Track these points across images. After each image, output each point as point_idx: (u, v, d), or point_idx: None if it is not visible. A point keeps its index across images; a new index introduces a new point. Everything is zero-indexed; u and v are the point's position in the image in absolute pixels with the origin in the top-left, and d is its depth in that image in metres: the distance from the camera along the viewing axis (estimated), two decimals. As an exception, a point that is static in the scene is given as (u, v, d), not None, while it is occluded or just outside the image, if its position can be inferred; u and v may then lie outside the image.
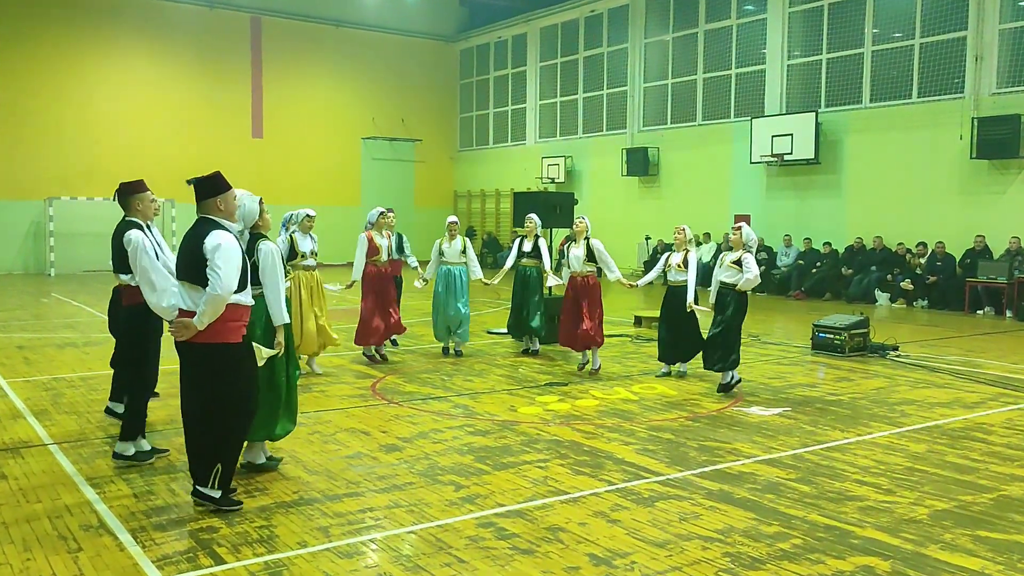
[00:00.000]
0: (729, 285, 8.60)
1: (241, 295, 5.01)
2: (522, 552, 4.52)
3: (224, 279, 4.79)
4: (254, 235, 5.69)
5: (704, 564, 4.38)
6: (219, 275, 4.79)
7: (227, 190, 5.10)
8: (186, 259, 4.95)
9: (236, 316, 5.01)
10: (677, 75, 23.70)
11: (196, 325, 4.83)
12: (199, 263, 4.85)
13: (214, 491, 5.04)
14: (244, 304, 5.08)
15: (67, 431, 6.95)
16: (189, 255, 4.92)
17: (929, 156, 17.74)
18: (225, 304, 4.86)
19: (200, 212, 5.08)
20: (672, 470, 6.02)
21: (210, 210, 5.05)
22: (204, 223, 5.01)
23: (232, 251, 4.89)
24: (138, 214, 6.21)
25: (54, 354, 10.80)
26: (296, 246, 9.16)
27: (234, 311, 4.98)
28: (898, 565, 4.37)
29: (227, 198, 5.10)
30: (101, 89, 25.69)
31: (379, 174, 30.57)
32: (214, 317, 4.84)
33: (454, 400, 8.32)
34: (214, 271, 4.79)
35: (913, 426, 7.38)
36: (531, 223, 10.86)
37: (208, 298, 4.79)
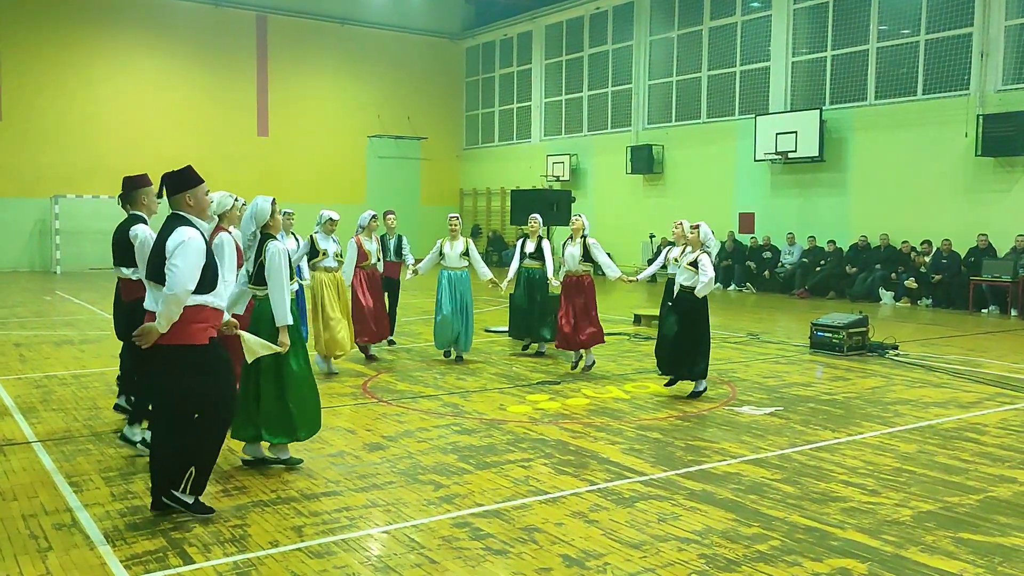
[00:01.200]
0: (688, 288, 8.19)
1: (206, 296, 4.80)
2: (495, 553, 4.47)
3: (179, 278, 4.60)
4: (264, 235, 5.70)
5: (678, 566, 4.32)
6: (174, 274, 4.61)
7: (197, 184, 4.91)
8: (153, 257, 4.81)
9: (201, 318, 4.79)
10: (681, 72, 23.58)
11: (157, 328, 4.64)
12: (158, 261, 4.71)
13: (187, 496, 4.91)
14: (210, 306, 4.85)
15: (52, 429, 6.94)
16: (155, 253, 4.78)
17: (934, 153, 17.59)
18: (182, 305, 4.65)
19: (172, 208, 4.90)
20: (656, 470, 5.96)
21: (180, 206, 4.86)
22: (172, 219, 4.84)
23: (193, 249, 4.68)
24: (143, 208, 6.21)
25: (50, 352, 10.82)
26: (316, 245, 9.36)
27: (198, 312, 4.77)
28: (875, 568, 4.30)
29: (196, 193, 4.90)
30: (107, 87, 25.78)
31: (384, 172, 30.57)
32: (172, 319, 4.64)
33: (444, 399, 8.28)
34: (170, 270, 4.62)
35: (906, 426, 7.29)
36: (535, 223, 10.57)
37: (163, 298, 4.62)
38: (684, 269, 8.26)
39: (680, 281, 8.33)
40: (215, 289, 4.89)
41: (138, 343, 4.75)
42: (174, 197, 4.89)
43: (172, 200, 4.90)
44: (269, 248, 5.58)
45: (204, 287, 4.77)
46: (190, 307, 4.72)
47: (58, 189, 24.57)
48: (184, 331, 4.73)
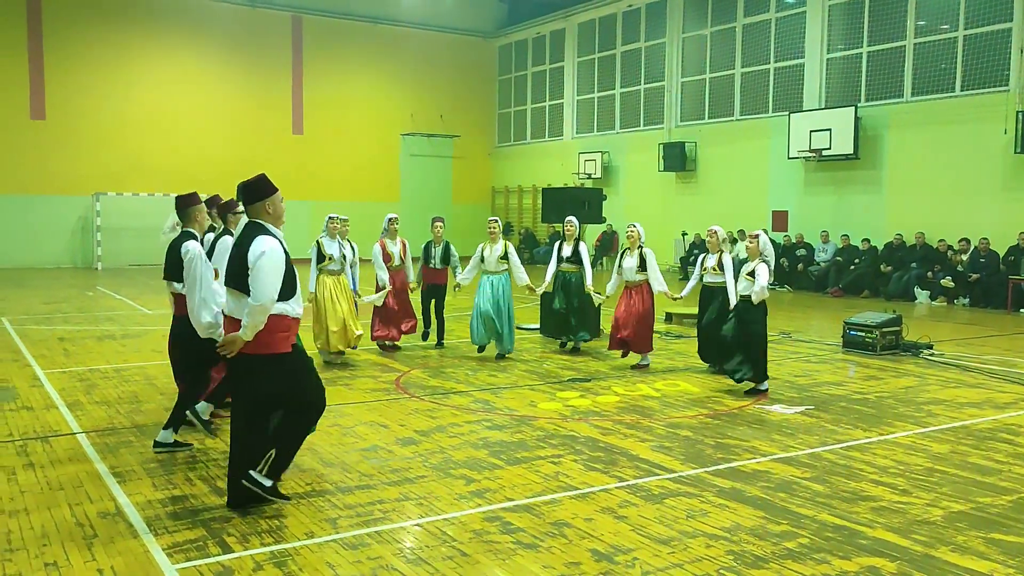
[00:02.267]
0: (746, 297, 8.41)
1: (287, 304, 4.89)
2: (525, 546, 4.55)
3: (264, 289, 4.69)
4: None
5: (706, 561, 4.36)
6: (259, 285, 4.69)
7: (273, 192, 4.97)
8: (233, 266, 4.87)
9: (283, 326, 4.88)
10: (715, 70, 23.47)
11: (241, 337, 4.75)
12: (241, 270, 4.77)
13: (264, 478, 4.98)
14: (290, 315, 4.95)
15: (96, 421, 7.14)
16: (236, 262, 4.84)
17: (972, 151, 17.34)
18: (267, 314, 4.74)
19: (249, 216, 4.98)
20: (685, 467, 6.00)
21: (258, 214, 4.94)
22: (252, 228, 4.90)
23: (275, 259, 4.76)
24: (196, 225, 6.34)
25: (93, 346, 11.09)
26: (322, 249, 9.65)
27: (280, 321, 4.85)
28: (905, 567, 4.31)
29: (274, 201, 4.97)
30: (146, 87, 26.25)
31: (417, 170, 30.78)
32: (258, 328, 4.74)
33: (475, 395, 8.37)
34: (255, 280, 4.70)
35: (939, 426, 7.24)
36: (571, 226, 10.56)
37: (249, 309, 4.71)
38: (743, 278, 8.45)
39: (739, 291, 8.54)
40: (294, 296, 4.96)
41: (223, 353, 4.86)
42: (252, 206, 4.95)
43: (250, 209, 4.96)
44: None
45: (284, 295, 4.85)
46: (273, 316, 4.80)
47: (99, 187, 25.08)
48: (269, 340, 4.84)
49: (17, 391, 8.30)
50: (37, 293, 17.79)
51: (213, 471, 5.78)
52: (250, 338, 4.77)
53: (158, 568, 4.22)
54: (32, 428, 6.91)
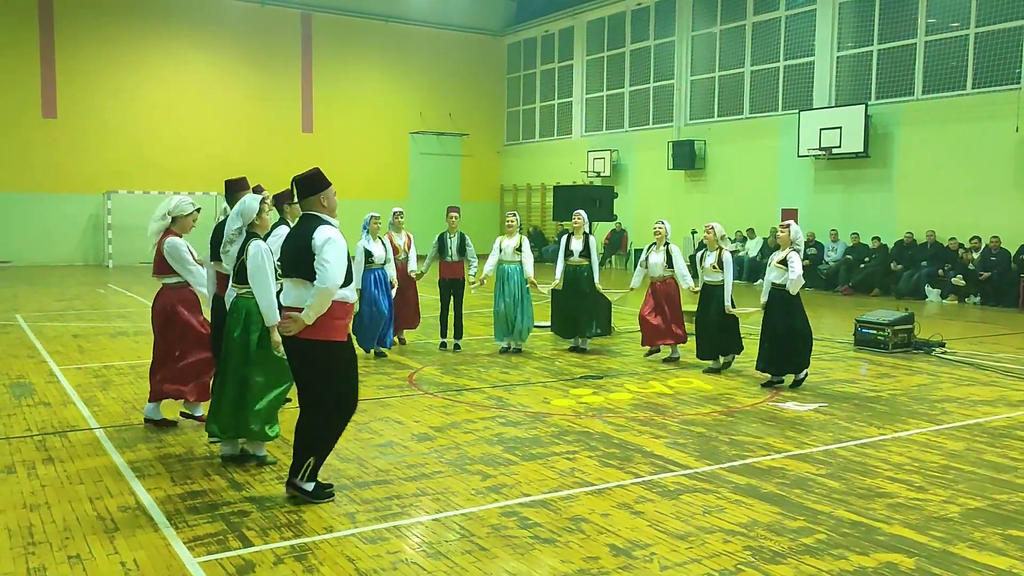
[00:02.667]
0: (779, 286, 8.48)
1: (346, 290, 5.04)
2: (543, 541, 4.57)
3: (332, 273, 4.84)
4: (249, 234, 5.68)
5: (724, 557, 4.38)
6: (327, 269, 4.83)
7: (328, 186, 5.14)
8: (292, 255, 5.01)
9: (341, 313, 5.06)
10: (724, 68, 23.43)
11: (304, 319, 4.86)
12: (307, 258, 4.89)
13: (307, 484, 5.11)
14: (349, 301, 5.11)
15: (113, 417, 7.19)
16: (295, 251, 4.98)
17: (983, 149, 17.28)
18: (331, 298, 4.90)
19: (304, 209, 5.12)
20: (700, 464, 6.01)
21: (313, 206, 5.08)
22: (310, 219, 5.04)
23: (340, 246, 4.95)
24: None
25: (107, 343, 11.16)
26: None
27: (339, 308, 5.02)
28: (923, 563, 4.32)
29: (328, 194, 5.14)
30: (156, 86, 26.33)
31: (427, 168, 30.81)
32: (321, 311, 4.88)
33: (488, 392, 8.40)
34: (322, 265, 4.84)
35: (953, 424, 7.24)
36: (579, 219, 10.55)
37: (316, 291, 4.83)
38: (775, 267, 8.49)
39: (771, 279, 8.57)
40: (351, 284, 5.11)
41: (283, 330, 5.01)
42: (307, 199, 5.10)
43: (305, 202, 5.11)
44: (251, 248, 5.53)
45: (344, 282, 5.00)
46: (334, 301, 4.95)
47: (110, 185, 25.18)
48: (328, 326, 4.98)
49: (34, 387, 8.36)
50: (50, 290, 17.89)
51: (230, 466, 5.82)
52: (311, 321, 4.89)
53: (180, 561, 4.26)
54: (50, 423, 6.97)
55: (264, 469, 5.77)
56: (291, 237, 5.15)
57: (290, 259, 5.04)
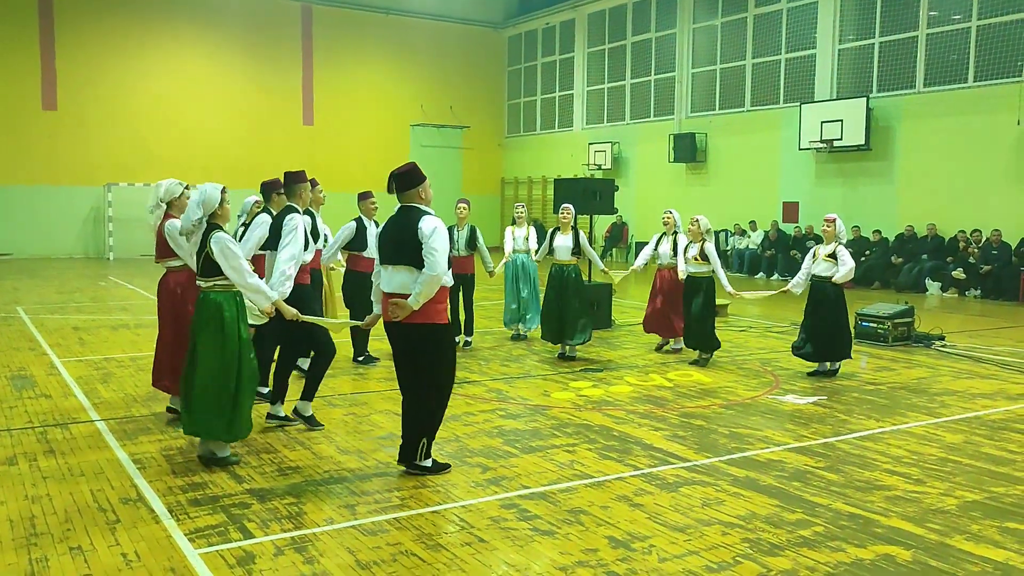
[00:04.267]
0: (825, 279, 8.71)
1: (447, 277, 5.31)
2: (542, 533, 4.59)
3: (440, 260, 5.14)
4: (210, 225, 5.60)
5: (722, 549, 4.40)
6: (436, 257, 5.13)
7: (425, 179, 5.42)
8: (395, 243, 5.30)
9: (442, 298, 5.36)
10: (725, 60, 23.40)
11: (412, 305, 5.15)
12: (412, 246, 5.19)
13: (425, 462, 5.50)
14: (447, 285, 5.39)
15: (114, 409, 7.21)
16: (399, 240, 5.27)
17: (984, 142, 17.26)
18: (439, 284, 5.21)
19: (403, 201, 5.39)
20: (700, 456, 6.03)
21: (412, 199, 5.39)
22: (411, 211, 5.33)
23: (445, 235, 5.25)
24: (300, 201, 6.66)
25: (107, 335, 11.18)
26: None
27: (441, 292, 5.33)
28: (920, 555, 4.34)
29: (426, 187, 5.42)
30: (157, 77, 26.31)
31: (427, 161, 30.70)
32: (429, 297, 5.19)
33: (488, 384, 8.42)
34: (431, 253, 5.13)
35: (952, 417, 7.26)
36: (567, 214, 9.81)
37: (425, 279, 5.13)
38: (823, 260, 8.73)
39: (816, 272, 8.81)
40: (449, 269, 5.35)
41: (391, 315, 5.28)
42: (406, 193, 5.40)
43: (404, 195, 5.40)
44: (213, 240, 5.48)
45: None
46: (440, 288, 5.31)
47: (111, 177, 25.18)
48: (432, 311, 5.32)
49: (35, 379, 8.38)
50: (50, 283, 17.91)
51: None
52: (418, 307, 5.20)
53: (181, 553, 4.28)
54: (51, 415, 6.99)
55: (265, 461, 5.79)
56: (393, 227, 5.36)
57: (393, 247, 5.31)
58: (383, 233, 5.46)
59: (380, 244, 5.46)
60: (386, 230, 5.44)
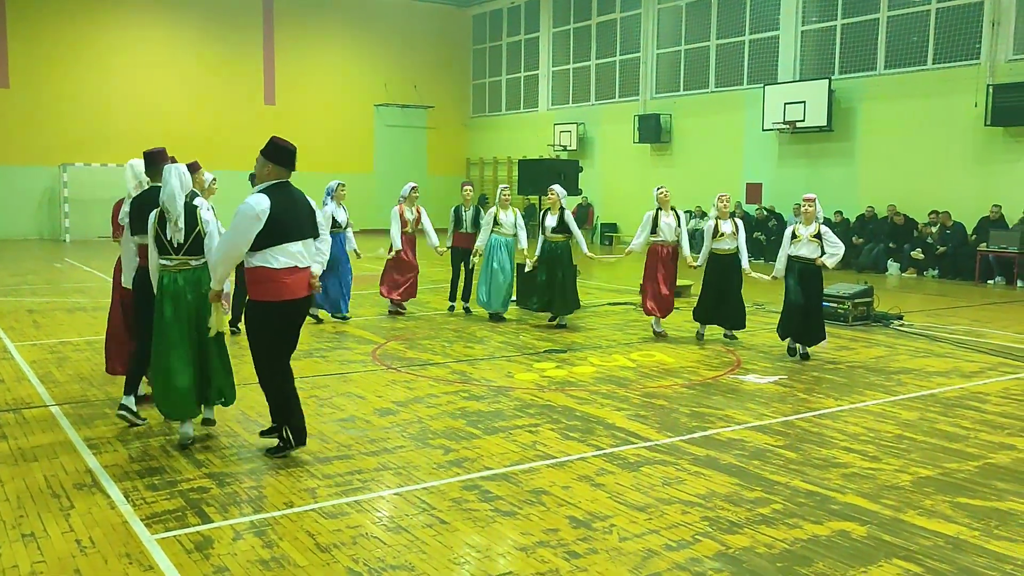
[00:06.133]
0: (810, 260, 8.66)
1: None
2: (504, 514, 4.60)
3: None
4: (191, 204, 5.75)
5: (682, 527, 4.44)
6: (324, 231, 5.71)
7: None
8: (306, 218, 5.46)
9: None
10: (690, 41, 23.43)
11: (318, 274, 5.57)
12: (313, 220, 5.54)
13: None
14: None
15: (69, 394, 7.08)
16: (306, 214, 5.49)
17: (943, 124, 17.51)
18: None
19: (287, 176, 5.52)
20: (661, 436, 6.07)
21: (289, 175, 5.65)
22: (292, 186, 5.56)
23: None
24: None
25: (63, 318, 10.96)
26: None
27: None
28: (874, 530, 4.42)
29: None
30: (114, 55, 25.73)
31: (391, 141, 30.53)
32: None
33: (452, 366, 8.39)
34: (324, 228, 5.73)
35: (908, 395, 7.38)
36: (553, 195, 10.53)
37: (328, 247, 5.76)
38: (808, 241, 8.67)
39: (800, 253, 8.74)
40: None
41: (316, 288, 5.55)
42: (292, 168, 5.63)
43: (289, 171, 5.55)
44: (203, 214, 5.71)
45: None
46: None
47: (66, 158, 24.63)
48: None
49: (-13, 363, 8.20)
50: (3, 265, 17.52)
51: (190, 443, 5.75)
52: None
53: (137, 539, 4.21)
54: (3, 400, 6.84)
55: (225, 446, 5.72)
56: (299, 203, 5.44)
57: (307, 222, 5.46)
58: (292, 210, 5.30)
59: (294, 221, 5.29)
60: (294, 206, 5.34)
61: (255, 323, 5.36)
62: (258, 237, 5.14)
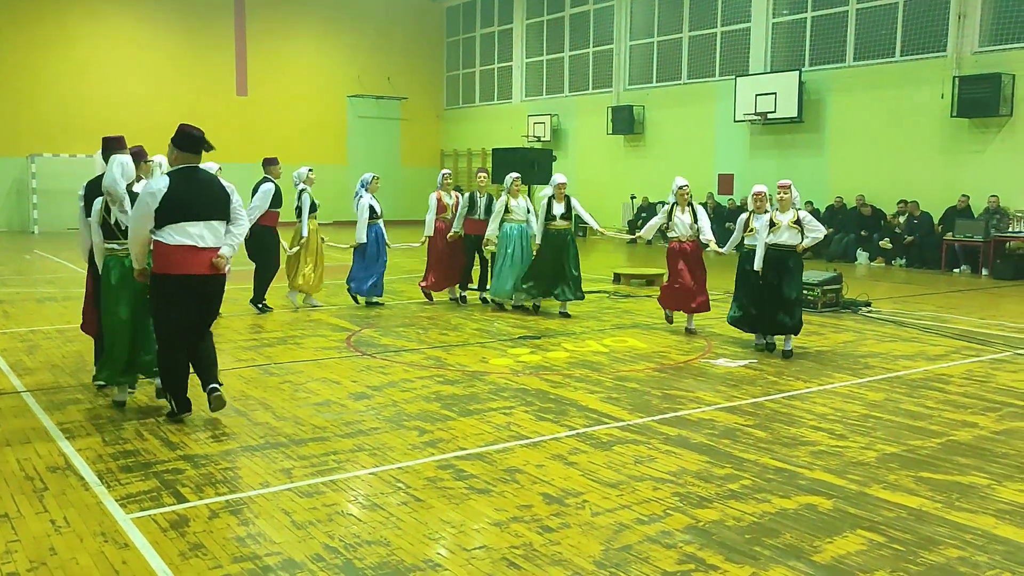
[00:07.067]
0: (789, 247, 8.25)
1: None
2: (478, 492, 4.66)
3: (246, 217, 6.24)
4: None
5: (653, 503, 4.52)
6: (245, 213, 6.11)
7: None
8: (213, 200, 5.82)
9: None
10: (663, 33, 23.55)
11: (229, 255, 5.86)
12: (226, 202, 5.89)
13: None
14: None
15: (41, 380, 7.04)
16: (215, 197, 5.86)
17: (911, 115, 17.76)
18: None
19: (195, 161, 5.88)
20: (633, 416, 6.16)
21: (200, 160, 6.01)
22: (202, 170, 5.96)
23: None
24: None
25: (33, 308, 10.86)
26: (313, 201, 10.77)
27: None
28: (840, 503, 4.53)
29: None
30: (83, 44, 25.38)
31: (365, 132, 30.40)
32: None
33: (427, 352, 8.43)
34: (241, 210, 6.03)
35: (874, 377, 7.53)
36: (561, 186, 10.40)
37: (242, 230, 5.99)
38: (788, 228, 8.28)
39: (780, 240, 8.27)
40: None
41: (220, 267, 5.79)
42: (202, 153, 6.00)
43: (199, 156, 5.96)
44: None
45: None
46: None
47: (34, 148, 24.27)
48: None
49: (-44, 352, 8.12)
50: (-28, 256, 17.27)
51: (164, 426, 5.76)
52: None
53: (112, 518, 4.22)
54: (-26, 387, 6.79)
55: (199, 428, 5.73)
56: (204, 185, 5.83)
57: (213, 204, 5.81)
58: (194, 192, 5.70)
59: (193, 202, 5.67)
60: (197, 189, 5.74)
61: (152, 292, 5.84)
62: (158, 216, 5.59)
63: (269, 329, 9.55)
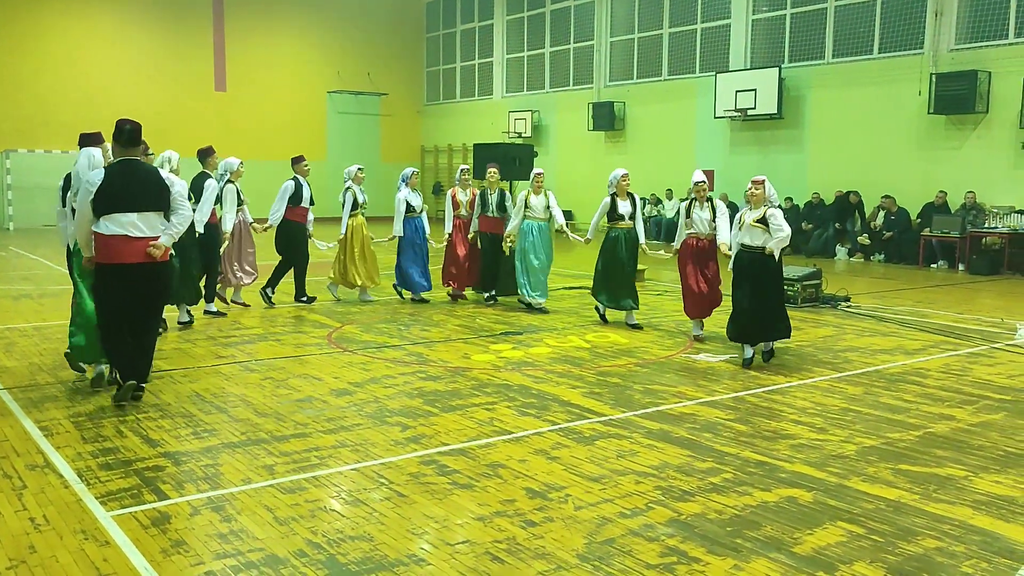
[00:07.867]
0: (757, 248, 7.51)
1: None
2: (461, 487, 4.66)
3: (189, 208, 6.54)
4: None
5: (635, 496, 4.54)
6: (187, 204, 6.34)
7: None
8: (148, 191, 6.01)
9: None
10: (643, 29, 23.60)
11: (167, 245, 6.09)
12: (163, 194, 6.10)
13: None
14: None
15: (18, 378, 6.96)
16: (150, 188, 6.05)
17: (889, 112, 17.92)
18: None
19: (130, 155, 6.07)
20: (615, 411, 6.18)
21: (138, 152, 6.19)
22: (140, 162, 6.17)
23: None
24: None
25: (9, 305, 10.73)
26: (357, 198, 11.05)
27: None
28: (820, 496, 4.57)
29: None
30: (59, 39, 25.07)
31: (345, 128, 30.26)
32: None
33: (409, 348, 8.42)
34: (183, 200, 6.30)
35: (854, 371, 7.60)
36: (626, 180, 10.20)
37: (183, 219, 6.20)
38: (751, 227, 7.50)
39: (747, 242, 7.59)
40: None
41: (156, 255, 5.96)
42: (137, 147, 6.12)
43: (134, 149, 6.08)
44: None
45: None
46: None
47: (9, 143, 23.98)
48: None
49: (-69, 350, 8.01)
50: (-54, 253, 17.04)
51: (144, 423, 5.72)
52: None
53: (92, 515, 4.19)
54: (-50, 385, 6.71)
55: (180, 425, 5.69)
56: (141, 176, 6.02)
57: (147, 195, 5.99)
58: (129, 184, 5.89)
59: (127, 194, 5.87)
60: (132, 181, 5.92)
61: (95, 280, 6.10)
62: (94, 207, 5.82)
63: (249, 325, 9.50)
